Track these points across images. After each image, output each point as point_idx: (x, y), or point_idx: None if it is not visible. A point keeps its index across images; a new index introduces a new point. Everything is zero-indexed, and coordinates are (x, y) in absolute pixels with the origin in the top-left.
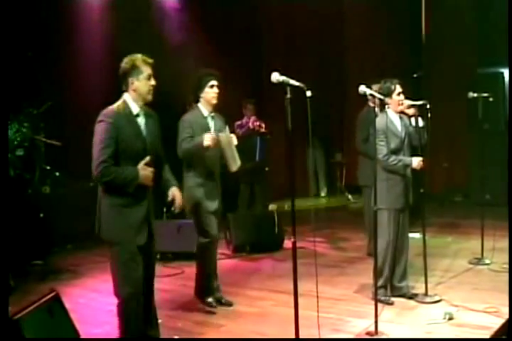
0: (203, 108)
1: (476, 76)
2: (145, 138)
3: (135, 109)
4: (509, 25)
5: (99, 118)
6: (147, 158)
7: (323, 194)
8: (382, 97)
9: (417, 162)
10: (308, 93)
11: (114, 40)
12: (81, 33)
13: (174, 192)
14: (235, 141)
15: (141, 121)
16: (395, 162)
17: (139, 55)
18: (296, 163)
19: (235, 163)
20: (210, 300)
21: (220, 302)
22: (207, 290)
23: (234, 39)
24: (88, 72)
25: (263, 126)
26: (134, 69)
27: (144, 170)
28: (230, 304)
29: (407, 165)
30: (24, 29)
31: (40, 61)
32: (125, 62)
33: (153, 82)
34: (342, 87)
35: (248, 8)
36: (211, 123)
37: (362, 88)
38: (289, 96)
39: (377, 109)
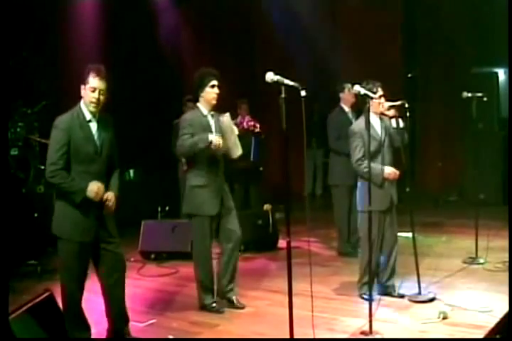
0: (203, 107)
1: (470, 76)
2: (96, 142)
3: (87, 115)
4: (509, 25)
5: (55, 122)
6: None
7: (318, 194)
8: (376, 97)
9: (388, 172)
10: (303, 92)
11: (109, 40)
12: (76, 33)
13: (109, 196)
14: (236, 130)
15: (93, 126)
16: (366, 170)
17: (96, 67)
18: (291, 163)
19: (238, 149)
20: (214, 305)
21: (232, 302)
22: (208, 293)
23: (227, 38)
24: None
25: (257, 126)
26: (84, 77)
27: (93, 186)
28: (242, 307)
29: (378, 174)
30: (19, 29)
31: (35, 61)
32: (84, 70)
33: (95, 95)
34: (335, 87)
35: (241, 7)
36: (211, 122)
37: (356, 87)
38: (283, 95)
39: (348, 109)
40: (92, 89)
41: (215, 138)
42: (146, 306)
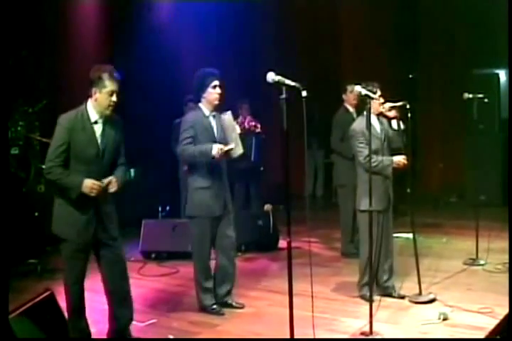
0: (205, 108)
1: (471, 77)
2: (99, 145)
3: (93, 116)
4: (509, 25)
5: (59, 120)
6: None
7: (319, 194)
8: (377, 97)
9: (397, 160)
10: (304, 93)
11: (109, 39)
12: (76, 32)
13: (113, 178)
14: (237, 129)
15: (98, 128)
16: (375, 163)
17: (109, 69)
18: (292, 163)
19: (238, 148)
20: (214, 306)
21: (230, 305)
22: (208, 294)
23: (228, 38)
24: (83, 71)
25: (258, 126)
26: (99, 81)
27: (88, 182)
28: (241, 307)
29: (389, 165)
30: (19, 27)
31: (35, 59)
32: (93, 71)
33: (114, 98)
34: (337, 88)
35: (242, 6)
36: (213, 123)
37: (357, 88)
38: (284, 96)
39: (352, 110)
40: (111, 92)
41: (216, 151)
42: (146, 306)
